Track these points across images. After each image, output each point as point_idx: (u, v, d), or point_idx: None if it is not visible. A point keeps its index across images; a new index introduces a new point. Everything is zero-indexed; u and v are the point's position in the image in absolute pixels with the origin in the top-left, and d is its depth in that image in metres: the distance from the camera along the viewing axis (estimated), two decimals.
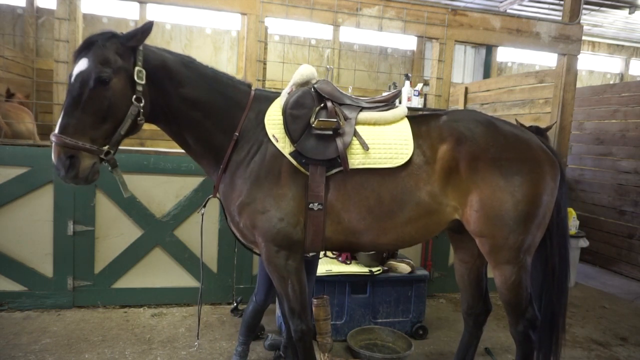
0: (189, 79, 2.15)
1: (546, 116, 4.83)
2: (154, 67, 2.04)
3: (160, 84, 2.07)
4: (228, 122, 2.23)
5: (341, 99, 2.30)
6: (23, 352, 2.98)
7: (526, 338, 2.36)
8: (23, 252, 3.55)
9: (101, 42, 1.90)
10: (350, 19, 3.96)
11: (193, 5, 3.72)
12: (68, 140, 1.83)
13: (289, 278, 2.21)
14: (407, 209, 2.17)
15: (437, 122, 2.30)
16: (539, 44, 4.43)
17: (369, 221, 2.18)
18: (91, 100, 1.85)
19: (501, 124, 2.32)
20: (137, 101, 1.95)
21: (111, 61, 1.88)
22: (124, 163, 3.63)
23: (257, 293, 2.85)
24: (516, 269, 2.24)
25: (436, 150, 2.20)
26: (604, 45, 9.36)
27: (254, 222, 2.16)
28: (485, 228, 2.19)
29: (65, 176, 1.88)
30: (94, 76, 1.84)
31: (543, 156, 2.26)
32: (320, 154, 2.13)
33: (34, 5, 6.27)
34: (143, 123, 2.04)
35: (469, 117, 2.32)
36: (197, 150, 2.28)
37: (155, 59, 2.06)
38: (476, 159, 2.16)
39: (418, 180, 2.18)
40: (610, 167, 5.99)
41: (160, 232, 3.75)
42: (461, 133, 2.21)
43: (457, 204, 2.21)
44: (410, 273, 3.49)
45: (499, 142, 2.21)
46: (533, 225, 2.21)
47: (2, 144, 3.50)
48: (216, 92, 2.22)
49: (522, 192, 2.16)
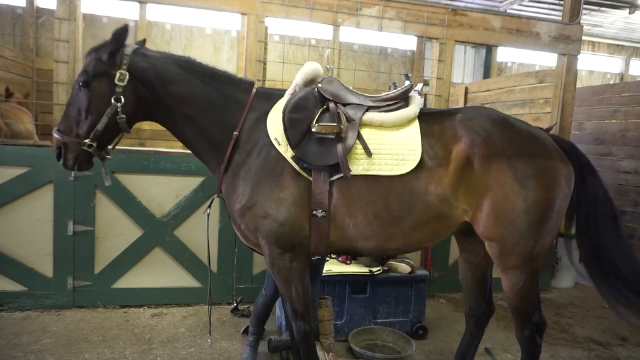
0: (181, 76, 2.19)
1: (546, 116, 4.83)
2: (142, 69, 2.15)
3: (149, 83, 2.15)
4: (226, 119, 2.22)
5: (346, 99, 2.21)
6: (23, 352, 2.98)
7: (532, 343, 2.30)
8: (23, 252, 3.55)
9: (88, 53, 2.17)
10: (350, 19, 3.96)
11: (193, 5, 3.72)
12: (55, 134, 2.13)
13: (293, 280, 2.18)
14: (416, 213, 2.10)
15: (451, 121, 2.20)
16: (539, 44, 4.43)
17: (375, 226, 2.11)
18: (75, 101, 2.13)
19: (517, 122, 2.25)
20: (115, 100, 2.11)
21: (90, 68, 2.11)
22: (124, 163, 3.64)
23: (267, 287, 2.89)
24: (525, 274, 2.18)
25: (450, 152, 2.12)
26: (604, 45, 9.36)
27: (256, 226, 2.14)
28: (496, 232, 2.12)
29: (59, 163, 2.18)
30: (78, 81, 2.12)
31: (558, 159, 2.18)
32: (321, 159, 2.06)
33: (34, 5, 6.27)
34: (124, 120, 2.14)
35: (484, 115, 2.22)
36: (198, 149, 2.30)
37: (143, 61, 2.16)
38: (491, 160, 2.08)
39: (429, 183, 2.09)
40: (610, 167, 5.99)
41: (160, 232, 3.75)
42: (476, 133, 2.12)
43: (467, 207, 2.13)
44: (410, 273, 3.49)
45: (515, 142, 2.13)
46: (544, 230, 2.14)
47: (2, 144, 3.50)
48: (212, 89, 2.22)
49: (535, 196, 2.08)
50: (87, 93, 2.09)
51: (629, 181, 5.73)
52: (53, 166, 3.48)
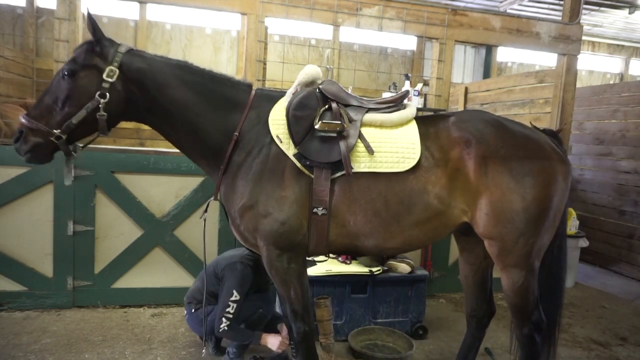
0: (179, 79, 2.16)
1: (546, 116, 4.83)
2: (136, 69, 2.11)
3: (142, 84, 2.12)
4: (226, 121, 2.21)
5: (347, 100, 2.25)
6: (23, 352, 2.98)
7: (531, 341, 2.32)
8: (23, 252, 3.55)
9: (80, 45, 2.13)
10: (350, 19, 3.96)
11: (193, 5, 3.72)
12: (22, 119, 2.03)
13: (291, 281, 2.18)
14: (415, 212, 2.13)
15: (445, 123, 2.25)
16: (539, 44, 4.43)
17: (375, 224, 2.13)
18: (55, 89, 2.06)
19: (510, 123, 2.28)
20: (100, 96, 2.04)
21: (81, 58, 2.06)
22: (124, 163, 3.64)
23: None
24: (524, 272, 2.20)
25: (445, 152, 2.16)
26: (604, 45, 9.35)
27: (256, 225, 2.13)
28: (495, 230, 2.14)
29: (14, 146, 2.07)
30: (64, 68, 2.05)
31: (554, 156, 2.21)
32: (323, 156, 2.08)
33: (34, 5, 6.26)
34: (104, 118, 2.07)
35: (477, 117, 2.27)
36: (194, 151, 2.28)
37: (140, 62, 2.13)
38: (486, 160, 2.12)
39: (426, 182, 2.13)
40: (610, 167, 5.99)
41: (160, 232, 3.75)
42: (471, 134, 2.16)
43: (466, 207, 2.16)
44: (410, 273, 3.49)
45: (509, 142, 2.17)
46: (543, 228, 2.17)
47: (2, 144, 3.50)
48: (211, 92, 2.21)
49: (533, 194, 2.11)
50: (71, 83, 2.03)
51: (629, 181, 5.73)
52: (53, 166, 3.48)
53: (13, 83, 5.21)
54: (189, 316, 3.00)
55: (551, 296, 2.42)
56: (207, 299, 2.82)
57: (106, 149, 3.77)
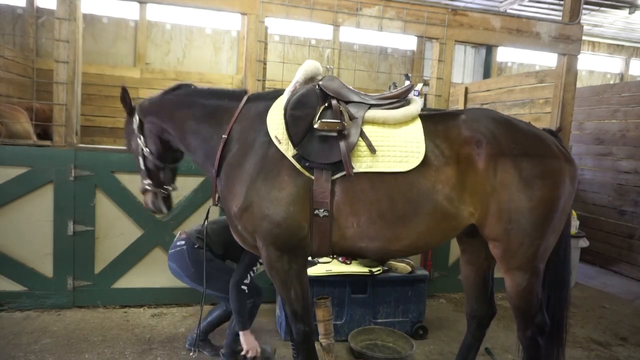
0: (177, 105, 2.39)
1: (546, 116, 4.83)
2: (145, 111, 2.47)
3: (153, 124, 2.44)
4: (218, 125, 2.30)
5: (348, 97, 2.17)
6: (23, 352, 2.98)
7: (534, 343, 2.29)
8: (23, 252, 3.55)
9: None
10: (350, 19, 3.95)
11: (193, 5, 3.72)
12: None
13: (292, 283, 2.14)
14: (423, 212, 2.05)
15: (455, 121, 2.18)
16: (539, 44, 4.43)
17: (380, 226, 2.06)
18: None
19: (520, 123, 2.24)
20: (143, 146, 2.48)
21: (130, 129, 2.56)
22: (125, 163, 3.63)
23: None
24: (528, 275, 2.16)
25: (455, 151, 2.09)
26: (604, 45, 9.35)
27: (254, 227, 2.10)
28: (501, 232, 2.09)
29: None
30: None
31: (562, 157, 2.17)
32: (324, 157, 2.02)
33: (34, 5, 6.26)
34: (152, 159, 2.51)
35: (487, 116, 2.21)
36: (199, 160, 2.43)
37: (143, 109, 2.47)
38: (496, 160, 2.06)
39: (435, 182, 2.05)
40: (610, 167, 5.99)
41: (160, 232, 3.75)
42: (482, 134, 2.10)
43: (473, 209, 2.10)
44: (410, 273, 3.49)
45: (520, 142, 2.12)
46: (549, 230, 2.13)
47: (2, 144, 3.50)
48: (208, 107, 2.34)
49: (541, 195, 2.07)
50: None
51: (629, 181, 5.73)
52: (53, 166, 3.48)
53: (13, 83, 5.21)
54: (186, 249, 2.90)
55: (558, 298, 2.39)
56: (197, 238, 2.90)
57: (106, 149, 3.77)
